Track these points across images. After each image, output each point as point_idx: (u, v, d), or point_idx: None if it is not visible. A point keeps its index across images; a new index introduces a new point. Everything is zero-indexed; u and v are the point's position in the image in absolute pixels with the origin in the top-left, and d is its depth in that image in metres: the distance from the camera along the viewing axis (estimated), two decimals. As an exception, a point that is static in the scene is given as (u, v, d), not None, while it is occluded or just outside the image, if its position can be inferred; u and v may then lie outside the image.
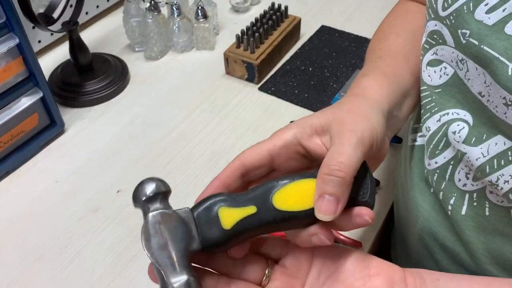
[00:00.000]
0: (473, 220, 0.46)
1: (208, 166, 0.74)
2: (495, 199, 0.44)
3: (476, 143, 0.43)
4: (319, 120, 0.40)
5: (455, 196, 0.47)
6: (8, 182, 0.72)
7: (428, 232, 0.53)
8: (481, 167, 0.43)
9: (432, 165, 0.50)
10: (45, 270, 0.61)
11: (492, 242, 0.46)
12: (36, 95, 0.72)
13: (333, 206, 0.35)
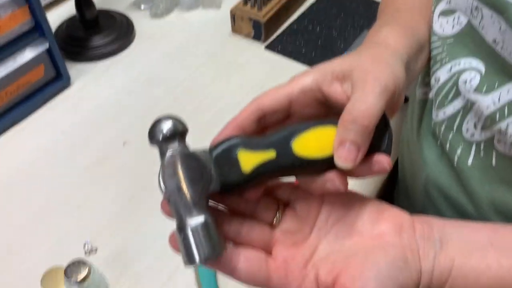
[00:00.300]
0: (479, 170, 0.46)
1: (214, 122, 0.74)
2: (503, 148, 0.44)
3: (487, 92, 0.43)
4: (340, 66, 0.38)
5: (461, 147, 0.48)
6: (15, 132, 0.73)
7: (433, 184, 0.53)
8: (491, 115, 0.43)
9: (440, 116, 0.50)
10: (52, 216, 0.62)
11: (497, 192, 0.46)
12: (42, 46, 0.72)
13: (353, 154, 0.35)
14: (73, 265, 0.52)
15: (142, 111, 0.75)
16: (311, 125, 0.37)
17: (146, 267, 0.57)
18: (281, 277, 0.35)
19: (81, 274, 0.51)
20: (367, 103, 0.35)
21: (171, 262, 0.57)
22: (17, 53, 0.71)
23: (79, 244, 0.59)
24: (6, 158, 0.69)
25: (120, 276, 0.56)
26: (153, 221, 0.61)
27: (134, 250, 0.59)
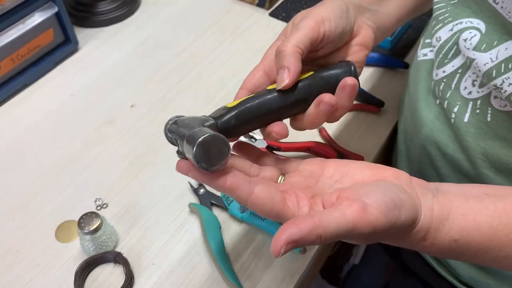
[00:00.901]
0: (475, 126, 0.49)
1: (218, 86, 0.77)
2: (499, 104, 0.46)
3: (486, 49, 0.46)
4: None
5: (459, 104, 0.50)
6: (26, 94, 0.75)
7: (431, 141, 0.56)
8: (488, 71, 0.45)
9: (439, 74, 0.52)
10: (62, 174, 0.65)
11: (491, 147, 0.48)
12: (51, 9, 0.74)
13: (285, 75, 0.41)
14: (86, 217, 0.55)
15: (149, 75, 0.77)
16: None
17: (154, 221, 0.60)
18: (294, 203, 0.37)
19: (93, 224, 0.54)
20: (287, 39, 0.43)
21: (178, 216, 0.60)
22: (27, 17, 0.72)
23: (90, 200, 0.62)
24: (18, 118, 0.72)
25: (129, 228, 0.60)
26: (159, 179, 0.64)
27: (142, 206, 0.62)
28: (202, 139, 0.35)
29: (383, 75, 0.77)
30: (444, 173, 0.56)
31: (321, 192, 0.39)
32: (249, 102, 0.43)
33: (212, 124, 0.41)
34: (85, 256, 0.57)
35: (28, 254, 0.58)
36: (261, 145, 0.65)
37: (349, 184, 0.40)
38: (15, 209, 0.62)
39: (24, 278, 0.56)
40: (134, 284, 0.55)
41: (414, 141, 0.60)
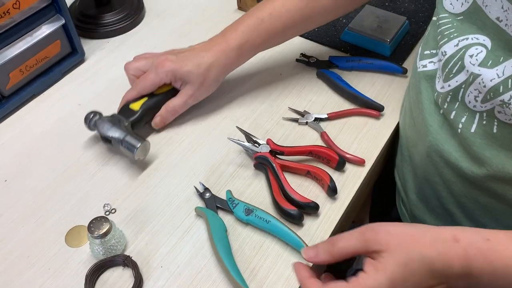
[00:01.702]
0: (481, 137, 0.50)
1: (220, 94, 0.78)
2: (504, 118, 0.48)
3: (492, 65, 0.47)
4: (182, 75, 0.70)
5: (466, 115, 0.51)
6: (34, 104, 0.77)
7: (435, 150, 0.57)
8: (495, 87, 0.46)
9: (445, 88, 0.54)
10: (71, 181, 0.67)
11: (497, 157, 0.50)
12: (59, 21, 0.76)
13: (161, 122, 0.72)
14: (95, 221, 0.56)
15: (154, 84, 0.79)
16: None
17: (161, 225, 0.62)
18: None
19: (103, 229, 0.55)
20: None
21: (185, 220, 0.62)
22: (35, 29, 0.75)
23: (98, 206, 0.64)
24: (28, 127, 0.74)
25: (137, 233, 0.61)
26: (165, 184, 0.66)
27: (150, 210, 0.63)
28: (139, 146, 0.65)
29: (382, 80, 0.79)
30: (450, 179, 0.57)
31: None
32: (145, 105, 0.71)
33: (128, 123, 0.68)
34: (94, 260, 0.58)
35: (39, 259, 0.59)
36: (264, 149, 0.66)
37: None
38: (26, 215, 0.63)
39: (36, 283, 0.57)
40: (143, 287, 0.56)
41: (418, 148, 0.61)
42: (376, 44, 0.82)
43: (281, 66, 0.82)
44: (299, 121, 0.73)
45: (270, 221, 0.59)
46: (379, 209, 0.95)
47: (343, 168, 0.66)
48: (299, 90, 0.78)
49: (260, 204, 0.63)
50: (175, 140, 0.72)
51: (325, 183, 0.63)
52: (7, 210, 0.64)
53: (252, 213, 0.60)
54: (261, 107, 0.76)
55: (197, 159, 0.69)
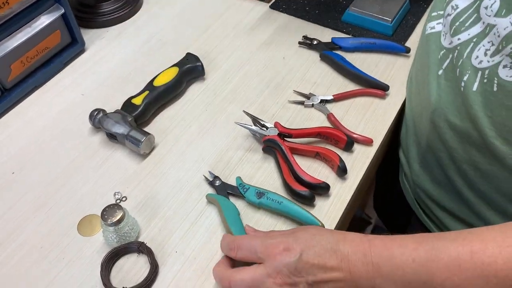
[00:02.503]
0: (482, 95, 0.51)
1: (224, 79, 0.78)
2: (505, 74, 0.48)
3: (506, 14, 0.48)
4: None
5: (469, 73, 0.52)
6: (37, 95, 0.76)
7: (439, 113, 0.58)
8: (508, 35, 0.47)
9: (454, 42, 0.54)
10: (80, 171, 0.66)
11: (497, 116, 0.50)
12: (58, 11, 0.75)
13: None
14: (108, 209, 0.56)
15: (156, 71, 0.78)
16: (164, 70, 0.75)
17: (173, 211, 0.62)
18: None
19: (116, 216, 0.55)
20: None
21: (197, 205, 0.62)
22: (34, 20, 0.74)
23: (109, 194, 0.64)
24: (32, 119, 0.73)
25: (150, 220, 0.61)
26: (174, 171, 0.66)
27: (161, 197, 0.63)
28: (143, 140, 0.65)
29: (385, 59, 0.79)
30: (452, 145, 0.58)
31: None
32: (147, 98, 0.70)
33: (131, 118, 0.68)
34: (108, 248, 0.58)
35: (52, 249, 0.59)
36: (272, 132, 0.66)
37: None
38: (36, 207, 0.63)
39: (51, 273, 0.57)
40: (159, 272, 0.56)
41: (422, 116, 0.62)
42: (378, 24, 0.82)
43: (284, 49, 0.82)
44: (305, 103, 0.73)
45: (282, 202, 0.59)
46: (383, 190, 0.95)
47: (352, 149, 0.67)
48: (303, 73, 0.78)
49: (270, 187, 0.63)
50: (182, 126, 0.71)
51: (334, 164, 0.63)
52: (17, 202, 0.63)
53: (264, 196, 0.60)
54: (266, 91, 0.76)
55: (205, 144, 0.69)
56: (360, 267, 0.44)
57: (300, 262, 0.45)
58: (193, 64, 0.75)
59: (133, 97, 0.71)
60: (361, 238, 0.46)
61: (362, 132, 0.69)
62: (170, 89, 0.73)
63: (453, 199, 0.65)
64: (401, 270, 0.42)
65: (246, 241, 0.51)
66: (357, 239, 0.46)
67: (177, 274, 0.56)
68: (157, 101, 0.72)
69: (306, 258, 0.45)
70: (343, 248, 0.45)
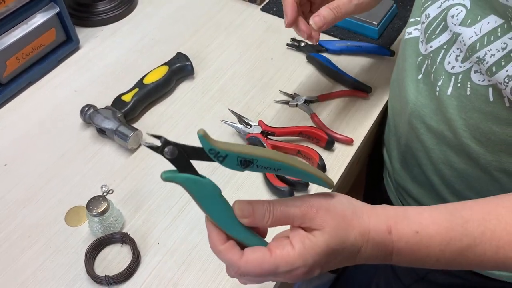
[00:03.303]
0: (456, 99, 0.53)
1: (214, 77, 0.80)
2: (477, 78, 0.50)
3: (471, 24, 0.50)
4: None
5: (443, 78, 0.54)
6: (31, 91, 0.79)
7: (416, 115, 0.60)
8: (472, 44, 0.49)
9: (427, 49, 0.57)
10: (69, 164, 0.69)
11: (471, 119, 0.52)
12: (53, 10, 0.78)
13: (285, 22, 0.62)
14: (94, 200, 0.59)
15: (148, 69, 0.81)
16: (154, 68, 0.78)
17: (157, 205, 0.64)
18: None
19: (101, 207, 0.58)
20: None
21: (180, 199, 0.64)
22: (29, 18, 0.76)
23: (96, 187, 0.66)
24: (26, 114, 0.76)
25: (134, 212, 0.63)
26: (161, 166, 0.68)
27: (146, 191, 0.66)
28: (131, 135, 0.68)
29: (370, 62, 0.81)
30: (429, 146, 0.60)
31: None
32: (137, 95, 0.73)
33: (121, 114, 0.70)
34: (93, 238, 0.60)
35: (40, 238, 0.61)
36: (256, 130, 0.69)
37: None
38: (26, 197, 0.65)
39: (38, 260, 0.59)
40: (141, 262, 0.59)
41: (401, 116, 0.64)
42: (364, 28, 0.84)
43: (272, 51, 0.84)
44: (290, 103, 0.75)
45: (280, 169, 0.42)
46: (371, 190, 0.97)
47: (332, 148, 0.69)
48: (290, 74, 0.80)
49: (252, 183, 0.66)
50: (169, 123, 0.74)
51: (314, 161, 0.65)
52: (8, 192, 0.66)
53: (252, 165, 0.41)
54: (253, 91, 0.78)
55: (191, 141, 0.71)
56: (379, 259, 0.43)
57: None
58: (183, 63, 0.78)
59: (123, 94, 0.74)
60: (385, 240, 0.42)
61: (343, 132, 0.71)
62: (159, 87, 0.75)
63: (432, 198, 0.67)
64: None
65: (253, 270, 0.40)
66: (381, 243, 0.42)
67: (158, 264, 0.59)
68: (146, 98, 0.74)
69: (327, 269, 0.43)
70: (364, 254, 0.42)
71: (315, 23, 0.59)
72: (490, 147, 0.53)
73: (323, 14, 0.60)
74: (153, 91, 0.74)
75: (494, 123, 0.51)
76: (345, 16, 0.61)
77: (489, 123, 0.51)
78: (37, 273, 0.58)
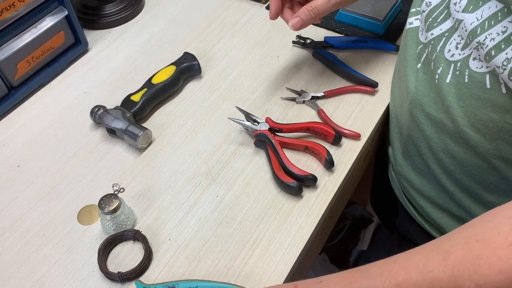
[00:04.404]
0: (455, 87, 0.54)
1: (221, 76, 0.81)
2: (475, 65, 0.51)
3: (473, 10, 0.51)
4: None
5: (442, 66, 0.55)
6: (42, 93, 0.80)
7: (416, 104, 0.61)
8: (474, 29, 0.50)
9: (428, 37, 0.57)
10: (81, 163, 0.70)
11: (469, 106, 0.53)
12: (62, 13, 0.79)
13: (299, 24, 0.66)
14: (105, 198, 0.60)
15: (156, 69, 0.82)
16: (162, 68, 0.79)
17: (168, 202, 0.65)
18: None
19: (113, 205, 0.59)
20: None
21: (190, 196, 0.65)
22: (39, 21, 0.77)
23: (108, 186, 0.67)
24: (37, 115, 0.77)
25: (146, 209, 0.64)
26: (170, 164, 0.69)
27: (156, 189, 0.66)
28: (140, 134, 0.69)
29: (376, 58, 0.81)
30: (429, 135, 0.60)
31: None
32: (145, 95, 0.74)
33: (130, 114, 0.72)
34: (106, 235, 0.61)
35: (53, 237, 0.62)
36: (263, 127, 0.69)
37: None
38: (39, 197, 0.67)
39: (52, 258, 0.60)
40: (153, 259, 0.60)
41: (403, 107, 0.65)
42: (370, 24, 0.84)
43: (278, 48, 0.85)
44: (297, 100, 0.76)
45: (197, 286, 0.56)
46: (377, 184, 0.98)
47: (340, 143, 0.69)
48: (296, 71, 0.81)
49: (261, 179, 0.66)
50: (178, 122, 0.75)
51: (322, 156, 0.66)
52: (22, 193, 0.67)
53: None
54: (260, 88, 0.79)
55: (200, 139, 0.72)
56: None
57: None
58: (190, 63, 0.79)
59: (132, 94, 0.75)
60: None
61: (350, 127, 0.71)
62: (167, 87, 0.76)
63: (433, 188, 0.67)
64: None
65: None
66: None
67: (169, 260, 0.59)
68: (155, 98, 0.75)
69: None
70: None
71: (293, 25, 0.64)
72: (488, 135, 0.54)
73: (301, 16, 0.66)
74: (161, 90, 0.75)
75: (492, 110, 0.52)
76: (323, 15, 0.67)
77: (486, 110, 0.52)
78: (52, 271, 0.59)
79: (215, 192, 0.66)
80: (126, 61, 0.85)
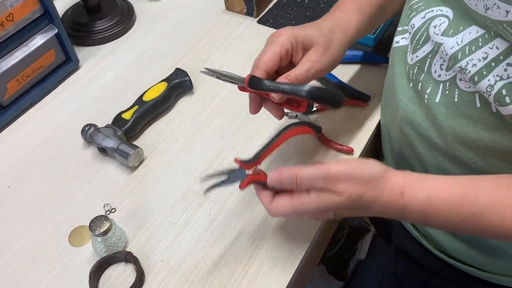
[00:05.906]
0: (445, 106, 0.53)
1: (213, 91, 0.81)
2: (464, 85, 0.51)
3: (453, 34, 0.51)
4: (304, 38, 0.60)
5: (431, 86, 0.54)
6: (33, 112, 0.80)
7: (406, 122, 0.60)
8: (454, 54, 0.50)
9: (414, 59, 0.57)
10: (72, 183, 0.69)
11: (459, 125, 0.53)
12: (52, 31, 0.79)
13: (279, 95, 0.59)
14: (96, 220, 0.59)
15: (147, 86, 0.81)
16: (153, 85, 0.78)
17: (160, 222, 0.64)
18: None
19: (103, 227, 0.58)
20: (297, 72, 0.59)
21: (182, 216, 0.64)
22: (29, 40, 0.77)
23: (99, 206, 0.66)
24: (28, 134, 0.76)
25: (137, 230, 0.64)
26: (161, 183, 0.68)
27: (148, 208, 0.66)
28: (132, 153, 0.69)
29: (367, 71, 0.81)
30: (421, 152, 0.60)
31: None
32: (137, 113, 0.74)
33: (121, 132, 0.71)
34: (97, 257, 0.61)
35: (44, 260, 0.62)
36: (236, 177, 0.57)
37: None
38: (30, 219, 0.66)
39: (42, 282, 0.60)
40: (145, 280, 0.59)
41: (393, 123, 0.65)
42: (361, 37, 0.84)
43: (270, 62, 0.85)
44: (289, 114, 0.75)
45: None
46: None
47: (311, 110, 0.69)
48: (288, 85, 0.80)
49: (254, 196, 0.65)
50: (170, 139, 0.74)
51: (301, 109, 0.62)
52: (12, 214, 0.66)
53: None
54: (251, 104, 0.78)
55: (192, 156, 0.72)
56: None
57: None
58: (182, 79, 0.78)
59: (123, 112, 0.74)
60: (396, 201, 0.49)
61: (344, 141, 0.71)
62: (159, 104, 0.76)
63: None
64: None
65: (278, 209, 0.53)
66: (392, 203, 0.49)
67: (162, 282, 0.59)
68: (146, 115, 0.75)
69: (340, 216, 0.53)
70: (375, 209, 0.51)
71: (274, 97, 0.59)
72: (480, 153, 0.53)
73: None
74: (153, 107, 0.75)
75: (482, 129, 0.51)
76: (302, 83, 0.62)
77: (477, 129, 0.52)
78: (42, 295, 0.58)
79: (207, 210, 0.65)
80: (117, 78, 0.84)
